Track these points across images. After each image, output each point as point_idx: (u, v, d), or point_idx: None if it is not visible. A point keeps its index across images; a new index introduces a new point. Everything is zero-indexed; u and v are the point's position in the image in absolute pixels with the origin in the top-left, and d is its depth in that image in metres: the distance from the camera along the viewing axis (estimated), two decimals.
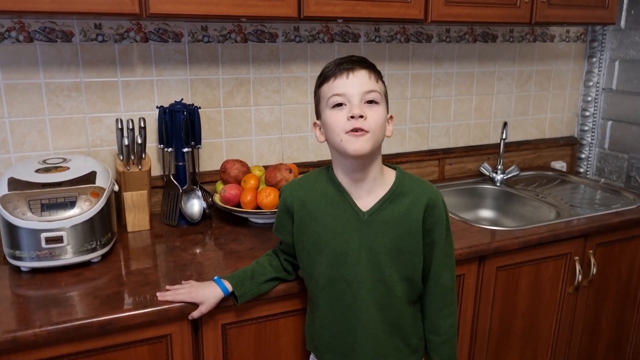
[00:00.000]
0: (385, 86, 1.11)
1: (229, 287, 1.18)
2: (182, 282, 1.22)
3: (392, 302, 1.13)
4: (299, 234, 1.16)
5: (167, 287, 1.19)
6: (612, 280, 1.80)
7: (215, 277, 1.19)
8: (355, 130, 1.03)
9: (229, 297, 1.18)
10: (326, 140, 1.11)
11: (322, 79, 1.08)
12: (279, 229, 1.22)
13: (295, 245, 1.19)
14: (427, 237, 1.13)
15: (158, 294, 1.17)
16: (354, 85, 1.04)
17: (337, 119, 1.04)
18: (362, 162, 1.08)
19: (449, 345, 1.19)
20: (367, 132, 1.03)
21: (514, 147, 2.30)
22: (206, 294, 1.16)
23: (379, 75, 1.09)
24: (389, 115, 1.11)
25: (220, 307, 1.19)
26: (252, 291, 1.19)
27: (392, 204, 1.11)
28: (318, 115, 1.12)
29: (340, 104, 1.04)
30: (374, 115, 1.04)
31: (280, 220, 1.21)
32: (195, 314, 1.16)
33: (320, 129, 1.12)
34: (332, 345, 1.17)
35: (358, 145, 1.03)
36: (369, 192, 1.12)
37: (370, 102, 1.05)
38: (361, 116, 1.02)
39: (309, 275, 1.17)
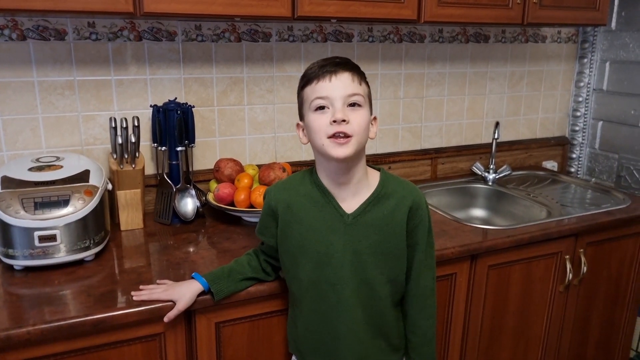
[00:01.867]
0: (369, 87, 1.10)
1: (206, 282, 1.17)
2: (158, 281, 1.22)
3: (376, 304, 1.14)
4: (283, 237, 1.16)
5: (141, 287, 1.19)
6: (602, 279, 1.82)
7: (194, 274, 1.19)
8: (338, 135, 1.02)
9: (207, 293, 1.17)
10: (309, 142, 1.10)
11: (305, 81, 1.08)
12: (262, 231, 1.22)
13: (278, 248, 1.18)
14: (410, 239, 1.14)
15: (133, 293, 1.16)
16: (337, 88, 1.03)
17: (320, 123, 1.04)
18: (346, 165, 1.08)
19: (429, 346, 1.21)
20: (350, 136, 1.03)
21: (505, 146, 2.31)
22: (182, 291, 1.15)
23: (362, 77, 1.08)
24: (373, 117, 1.11)
25: (214, 305, 1.19)
26: (229, 288, 1.19)
27: (376, 206, 1.12)
28: (301, 116, 1.12)
29: (323, 107, 1.04)
30: (357, 119, 1.04)
31: (264, 222, 1.20)
32: (172, 313, 1.13)
33: (303, 130, 1.12)
34: (316, 346, 1.17)
35: (341, 151, 1.03)
36: (354, 194, 1.12)
37: (353, 105, 1.04)
38: (343, 120, 1.02)
39: (293, 277, 1.17)
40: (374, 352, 1.16)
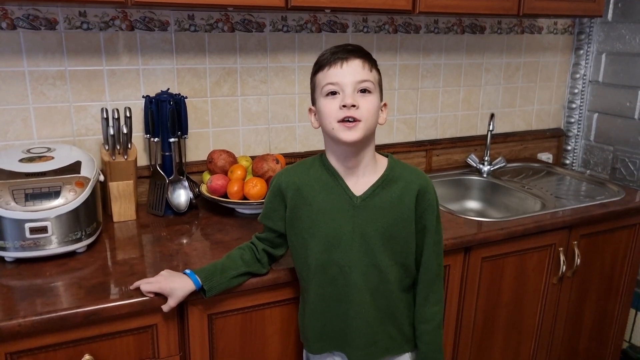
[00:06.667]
0: (379, 74, 1.13)
1: (199, 280, 1.16)
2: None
3: (385, 289, 1.14)
4: (292, 220, 1.17)
5: (144, 280, 1.17)
6: (595, 271, 1.82)
7: (187, 270, 1.17)
8: (347, 120, 1.06)
9: (198, 291, 1.16)
10: (320, 126, 1.13)
11: (318, 67, 1.11)
12: (269, 216, 1.21)
13: (287, 232, 1.19)
14: (419, 224, 1.15)
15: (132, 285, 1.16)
16: (347, 74, 1.07)
17: (330, 107, 1.07)
18: (355, 149, 1.11)
19: (435, 333, 1.21)
20: (359, 121, 1.06)
21: (500, 138, 2.31)
22: (175, 286, 1.14)
23: (373, 64, 1.11)
24: (383, 103, 1.14)
25: (206, 297, 1.19)
26: (221, 286, 1.18)
27: (384, 189, 1.14)
28: (313, 101, 1.15)
29: (333, 93, 1.07)
30: (366, 104, 1.07)
31: (272, 206, 1.20)
32: (165, 308, 1.14)
33: (315, 115, 1.15)
34: (323, 331, 1.18)
35: (350, 134, 1.06)
36: (362, 178, 1.14)
37: (364, 91, 1.08)
38: (353, 105, 1.05)
39: (302, 261, 1.17)
40: (384, 339, 1.17)
